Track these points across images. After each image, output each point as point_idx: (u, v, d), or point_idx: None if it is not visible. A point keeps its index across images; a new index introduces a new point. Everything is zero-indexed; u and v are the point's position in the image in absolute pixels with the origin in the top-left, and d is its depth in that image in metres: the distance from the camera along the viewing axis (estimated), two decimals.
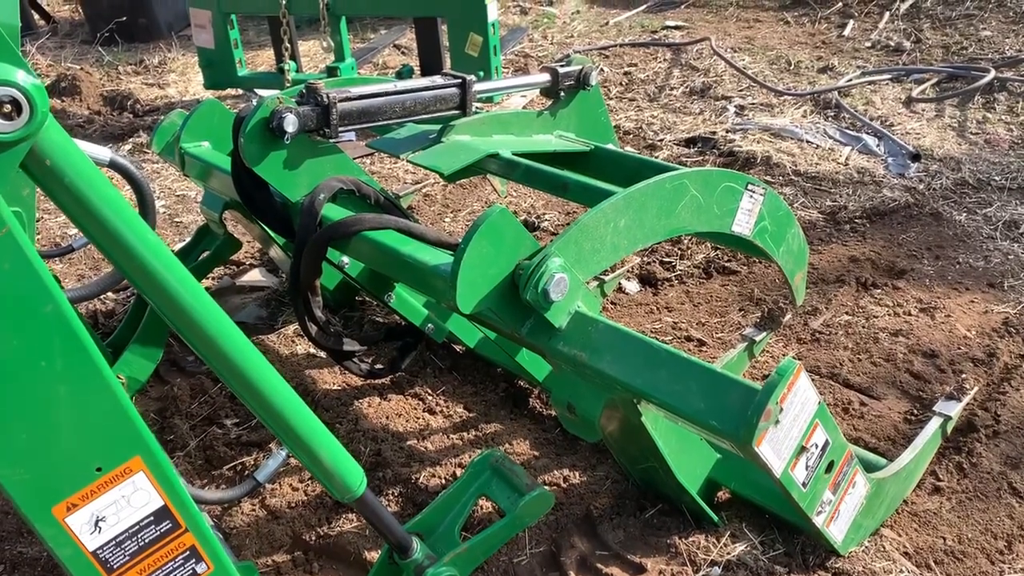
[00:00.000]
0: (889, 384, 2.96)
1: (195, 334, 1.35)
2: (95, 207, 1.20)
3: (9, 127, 1.06)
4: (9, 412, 1.16)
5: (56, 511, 1.23)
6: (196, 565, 1.40)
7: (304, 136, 2.39)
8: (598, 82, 3.00)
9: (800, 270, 2.67)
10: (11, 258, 1.10)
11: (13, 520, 2.52)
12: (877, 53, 6.39)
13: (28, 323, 1.14)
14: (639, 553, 2.24)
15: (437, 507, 1.92)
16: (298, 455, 1.54)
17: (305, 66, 6.68)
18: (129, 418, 1.27)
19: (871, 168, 4.67)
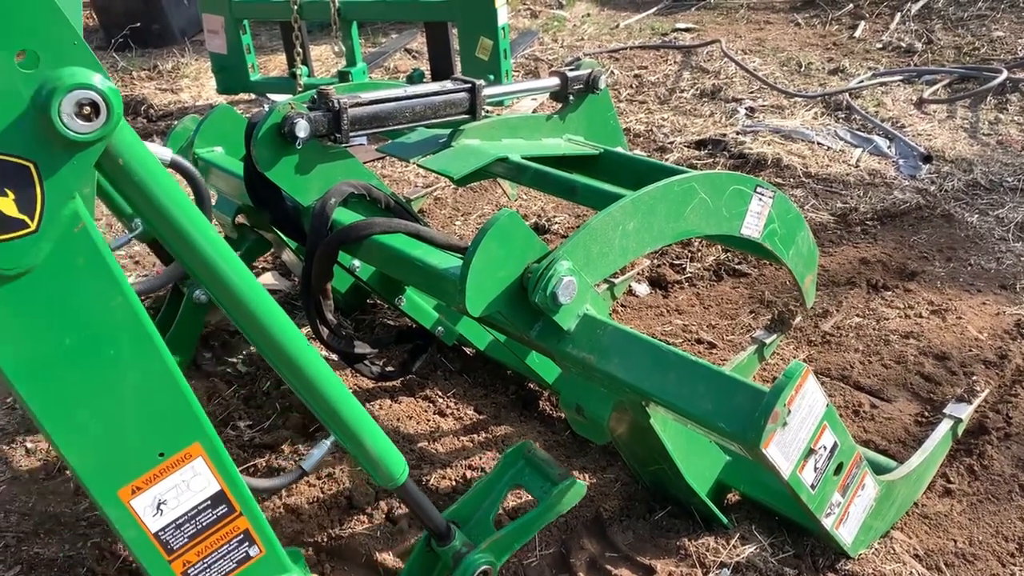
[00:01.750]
0: (900, 386, 2.96)
1: (251, 325, 1.41)
2: (162, 204, 1.26)
3: (88, 128, 1.10)
4: (80, 399, 1.22)
5: (122, 494, 1.29)
6: (249, 548, 1.45)
7: (315, 141, 2.41)
8: (607, 86, 3.01)
9: (810, 273, 2.68)
10: (85, 253, 1.17)
11: (30, 521, 2.55)
12: (888, 54, 6.38)
13: (99, 314, 1.20)
14: (648, 555, 2.25)
15: (471, 497, 1.96)
16: (345, 442, 1.59)
17: (317, 70, 6.71)
18: (190, 406, 1.33)
19: (882, 170, 4.66)
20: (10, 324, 1.15)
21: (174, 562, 1.38)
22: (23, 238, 1.11)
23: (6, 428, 3.02)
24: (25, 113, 1.07)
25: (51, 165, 1.10)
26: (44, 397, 1.20)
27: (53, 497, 2.65)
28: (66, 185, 1.12)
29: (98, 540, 2.47)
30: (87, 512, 2.59)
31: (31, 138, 1.08)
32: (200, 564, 1.40)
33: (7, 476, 2.76)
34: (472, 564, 1.81)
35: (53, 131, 1.08)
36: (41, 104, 1.07)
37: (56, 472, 2.77)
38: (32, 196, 1.10)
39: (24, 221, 1.10)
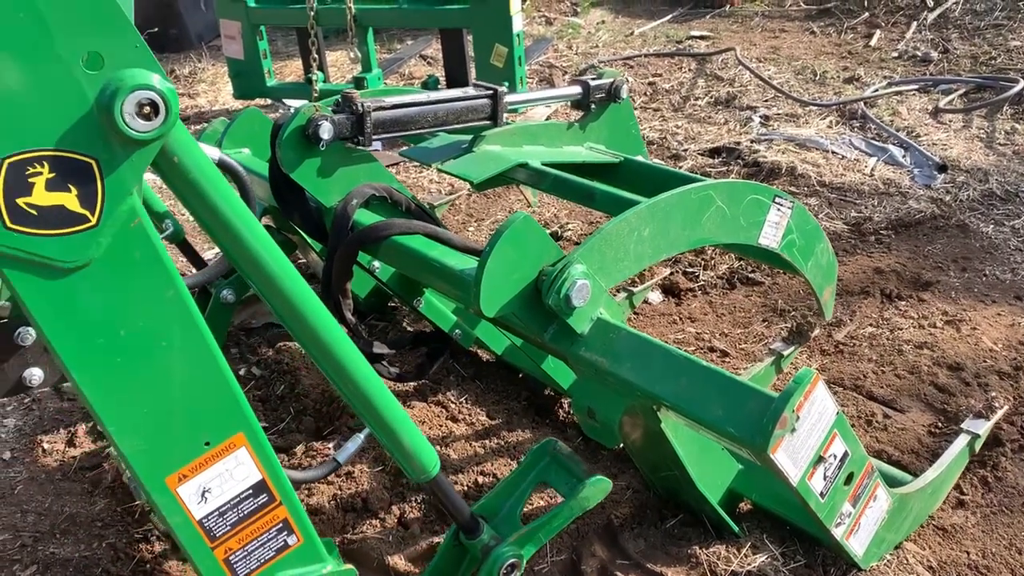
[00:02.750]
0: (913, 397, 2.95)
1: (295, 320, 1.45)
2: (214, 201, 1.30)
3: (148, 127, 1.14)
4: (133, 388, 1.27)
5: (169, 481, 1.34)
6: (288, 537, 1.49)
7: (339, 143, 2.46)
8: (628, 95, 3.03)
9: (829, 285, 2.67)
10: (141, 247, 1.21)
11: (46, 521, 2.58)
12: (904, 63, 6.36)
13: (152, 306, 1.25)
14: (659, 562, 2.25)
15: (498, 492, 1.99)
16: (380, 436, 1.63)
17: (332, 76, 6.75)
18: (235, 397, 1.37)
19: (897, 179, 4.65)
20: (69, 315, 1.19)
21: (216, 549, 1.42)
22: (84, 232, 1.15)
23: (23, 428, 3.06)
24: (89, 113, 1.11)
25: (112, 162, 1.14)
26: (99, 386, 1.25)
27: (69, 497, 2.68)
28: (125, 182, 1.16)
29: (113, 541, 2.49)
30: (102, 513, 2.62)
31: (94, 136, 1.12)
32: (241, 551, 1.44)
33: (24, 476, 2.79)
34: (500, 557, 1.83)
35: (115, 130, 1.12)
36: (105, 104, 1.11)
37: (73, 473, 2.80)
38: (93, 192, 1.14)
39: (85, 216, 1.14)
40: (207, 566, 1.42)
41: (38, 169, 1.09)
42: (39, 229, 1.12)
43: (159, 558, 2.44)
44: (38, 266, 1.14)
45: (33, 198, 1.10)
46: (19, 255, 1.12)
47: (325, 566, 1.55)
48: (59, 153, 1.10)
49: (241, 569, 1.45)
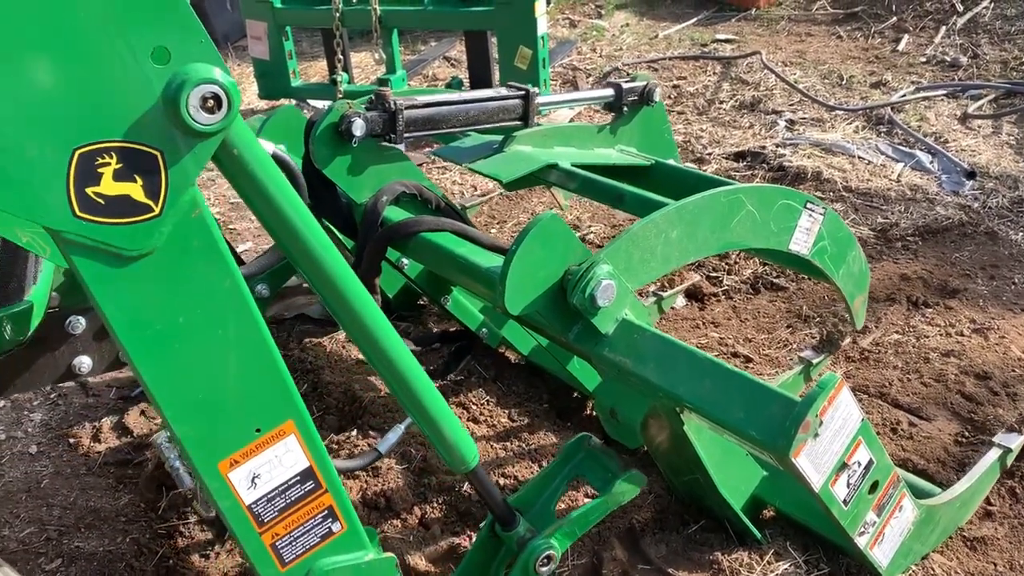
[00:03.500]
0: (939, 405, 2.91)
1: (344, 311, 1.48)
2: (271, 194, 1.33)
3: (211, 120, 1.17)
4: (189, 374, 1.31)
5: (221, 466, 1.37)
6: (332, 524, 1.51)
7: (371, 140, 2.49)
8: (662, 98, 3.02)
9: (860, 293, 2.64)
10: (200, 237, 1.24)
11: (71, 515, 2.61)
12: (932, 68, 6.29)
13: (210, 295, 1.28)
14: (681, 568, 2.23)
15: (533, 486, 2.00)
16: (422, 426, 1.65)
17: (357, 77, 6.79)
18: (286, 385, 1.40)
19: (924, 185, 4.60)
20: (131, 302, 1.23)
21: (264, 534, 1.44)
22: (148, 221, 1.18)
23: (49, 423, 3.09)
24: (155, 105, 1.14)
25: (176, 154, 1.17)
26: (157, 371, 1.28)
27: (94, 492, 2.71)
28: (187, 173, 1.19)
29: (136, 536, 2.51)
30: (126, 508, 2.64)
31: (160, 129, 1.15)
32: (287, 537, 1.47)
33: (50, 470, 2.82)
34: (537, 549, 1.85)
35: (180, 122, 1.15)
36: (170, 97, 1.13)
37: (97, 468, 2.83)
38: (157, 182, 1.17)
39: (149, 205, 1.17)
40: (254, 550, 1.45)
41: (106, 160, 1.13)
42: (105, 218, 1.15)
43: (181, 554, 2.46)
44: (103, 253, 1.18)
45: (101, 187, 1.14)
46: (86, 242, 1.16)
47: (367, 554, 1.57)
48: (126, 144, 1.14)
49: (287, 555, 1.48)
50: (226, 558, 2.42)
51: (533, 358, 3.09)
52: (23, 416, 3.13)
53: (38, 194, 1.10)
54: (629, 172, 2.78)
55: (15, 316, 1.57)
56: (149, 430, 3.00)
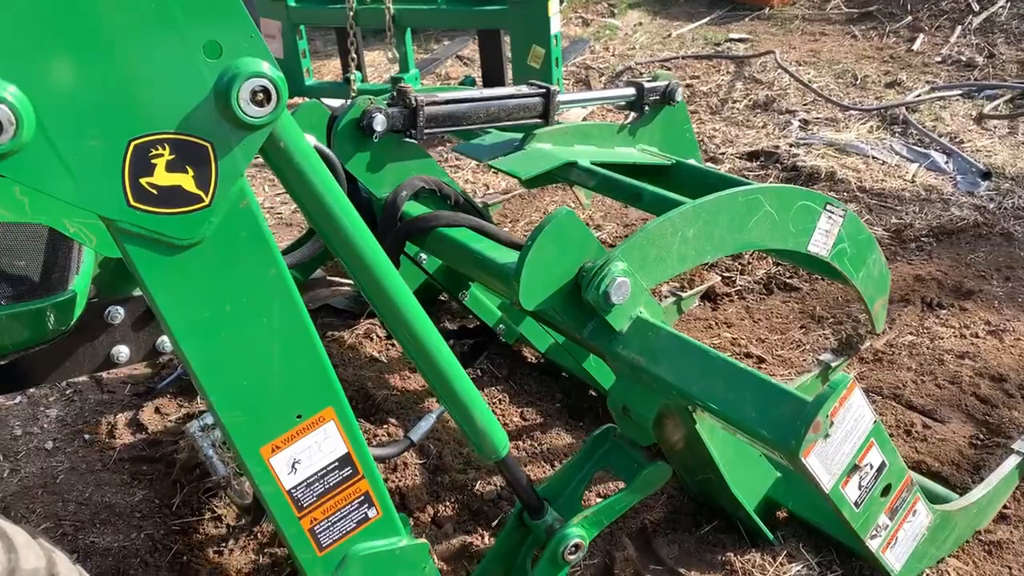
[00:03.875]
0: (954, 407, 2.90)
1: (381, 300, 1.51)
2: (315, 186, 1.36)
3: (261, 113, 1.19)
4: (235, 360, 1.34)
5: (263, 451, 1.40)
6: (368, 510, 1.54)
7: (392, 136, 2.50)
8: (683, 98, 3.02)
9: (881, 297, 2.62)
10: (248, 227, 1.27)
11: (87, 510, 2.62)
12: (948, 68, 6.26)
13: (256, 283, 1.31)
14: (693, 568, 2.23)
15: (561, 476, 2.03)
16: (454, 415, 1.68)
17: (370, 76, 6.80)
18: (327, 372, 1.43)
19: (939, 185, 4.58)
20: (180, 290, 1.26)
21: (303, 519, 1.47)
22: (198, 212, 1.21)
23: (65, 419, 3.11)
24: (207, 98, 1.16)
25: (226, 146, 1.20)
26: (204, 358, 1.31)
27: (109, 488, 2.73)
28: (236, 164, 1.22)
29: (151, 532, 2.53)
30: (141, 504, 2.66)
31: (211, 121, 1.18)
32: (325, 522, 1.50)
33: (66, 466, 2.85)
34: (565, 538, 1.87)
35: (231, 115, 1.17)
36: (222, 90, 1.16)
37: (112, 464, 2.84)
38: (208, 173, 1.20)
39: (200, 196, 1.20)
40: (293, 535, 1.48)
41: (160, 151, 1.16)
42: (158, 208, 1.18)
43: (195, 550, 2.47)
44: (155, 242, 1.21)
45: (154, 178, 1.17)
46: (139, 231, 1.19)
47: (401, 540, 1.60)
48: (179, 136, 1.16)
49: (324, 539, 1.51)
50: (239, 555, 2.44)
51: (550, 355, 3.09)
52: (39, 412, 3.16)
53: (95, 184, 1.13)
54: (650, 171, 2.77)
55: (59, 306, 1.59)
56: (163, 427, 3.02)
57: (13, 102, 1.04)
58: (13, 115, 1.04)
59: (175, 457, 2.81)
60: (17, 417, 3.13)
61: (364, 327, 3.49)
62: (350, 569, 1.53)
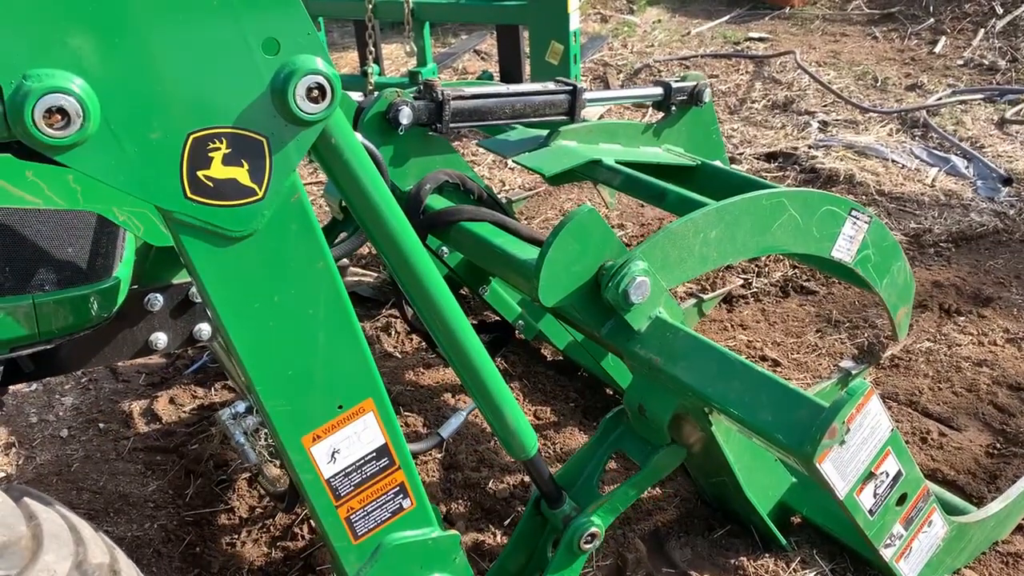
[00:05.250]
0: (971, 415, 2.88)
1: (420, 295, 1.53)
2: (362, 182, 1.38)
3: (315, 109, 1.21)
4: (281, 350, 1.36)
5: (304, 440, 1.43)
6: (403, 500, 1.57)
7: (418, 129, 2.51)
8: (711, 99, 3.00)
9: (904, 305, 2.59)
10: (299, 220, 1.30)
11: (100, 499, 2.64)
12: (970, 71, 6.20)
13: (304, 276, 1.34)
14: (706, 573, 2.23)
15: (576, 461, 2.03)
16: (486, 413, 1.70)
17: (387, 69, 6.79)
18: (368, 363, 1.45)
19: (959, 191, 4.54)
20: (232, 280, 1.29)
21: (340, 507, 1.50)
22: (252, 204, 1.23)
23: (80, 408, 3.13)
24: (264, 94, 1.18)
25: (280, 141, 1.22)
26: (252, 347, 1.34)
27: (123, 477, 2.74)
28: (290, 159, 1.24)
29: (164, 522, 2.54)
30: (154, 494, 2.67)
31: (267, 116, 1.20)
32: (361, 511, 1.53)
33: (80, 455, 2.86)
34: (581, 527, 1.87)
35: (287, 111, 1.19)
36: (279, 87, 1.18)
37: (127, 453, 2.86)
38: (262, 167, 1.22)
39: (254, 189, 1.23)
40: (330, 523, 1.50)
41: (217, 145, 1.18)
42: (214, 200, 1.21)
43: (208, 541, 2.48)
44: (210, 234, 1.23)
45: (211, 171, 1.19)
46: (195, 223, 1.21)
47: (434, 531, 1.62)
48: (236, 131, 1.18)
49: (360, 528, 1.53)
50: (252, 547, 2.44)
51: (568, 353, 3.08)
52: (54, 400, 3.18)
53: (154, 176, 1.16)
54: (674, 172, 2.76)
55: (103, 292, 1.61)
56: (178, 417, 3.03)
57: (81, 95, 1.06)
58: (81, 107, 1.06)
59: (190, 448, 2.83)
60: (33, 405, 3.15)
61: (384, 320, 3.49)
62: (384, 558, 1.56)
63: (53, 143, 1.07)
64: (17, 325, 1.52)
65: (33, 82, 1.04)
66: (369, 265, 4.01)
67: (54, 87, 1.04)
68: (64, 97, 1.05)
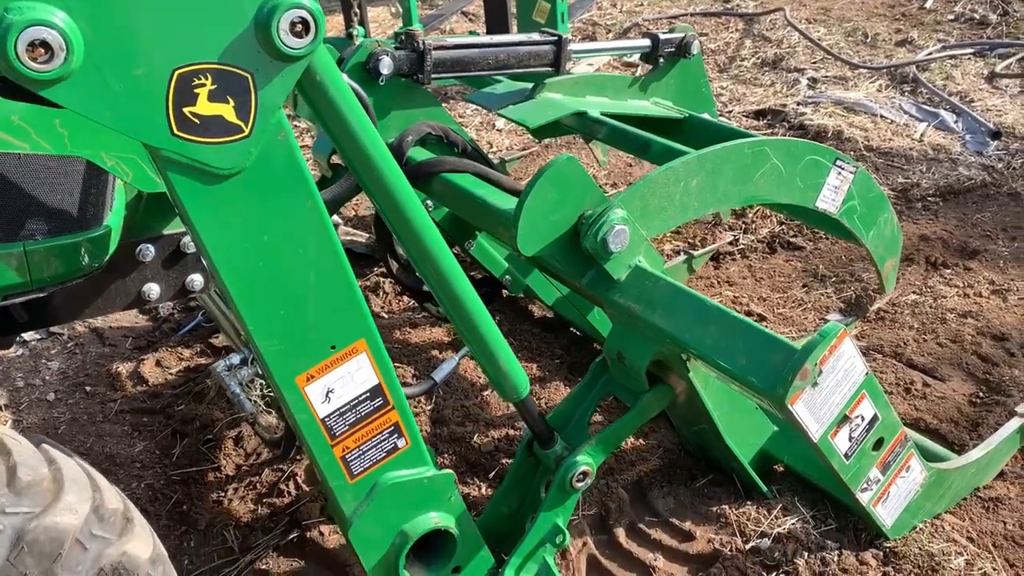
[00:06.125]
0: (954, 366, 2.89)
1: (410, 238, 1.53)
2: (348, 121, 1.38)
3: (300, 44, 1.20)
4: (272, 291, 1.37)
5: (299, 380, 1.45)
6: (397, 440, 1.60)
7: (399, 80, 2.47)
8: (699, 51, 2.97)
9: (891, 257, 2.58)
10: (285, 159, 1.30)
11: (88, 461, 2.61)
12: (960, 26, 6.15)
13: (292, 215, 1.34)
14: (688, 521, 2.25)
15: (566, 404, 2.06)
16: (478, 356, 1.71)
17: (373, 32, 6.70)
18: (359, 304, 1.46)
19: (947, 145, 4.52)
20: (220, 219, 1.29)
21: (335, 447, 1.52)
22: (238, 142, 1.23)
23: (67, 371, 3.13)
24: (247, 29, 1.18)
25: (265, 76, 1.21)
26: (242, 287, 1.35)
27: (110, 439, 2.75)
28: (275, 95, 1.23)
29: (151, 482, 2.55)
30: (141, 455, 2.68)
31: (251, 52, 1.19)
32: (356, 451, 1.55)
33: (67, 417, 2.87)
34: (573, 466, 1.89)
35: (271, 46, 1.19)
36: (262, 21, 1.17)
37: (113, 415, 2.86)
38: (248, 104, 1.22)
39: (240, 126, 1.22)
40: (326, 462, 1.53)
41: (202, 81, 1.17)
42: (201, 137, 1.20)
43: (195, 500, 2.50)
44: (197, 172, 1.23)
45: (197, 108, 1.19)
46: (182, 160, 1.21)
47: (428, 470, 1.64)
48: (221, 67, 1.18)
49: (355, 467, 1.56)
50: (239, 504, 2.46)
51: (556, 308, 3.08)
52: (40, 364, 3.18)
53: (140, 112, 1.15)
54: (662, 124, 2.73)
55: (94, 241, 1.62)
56: (164, 379, 3.03)
57: (64, 27, 1.06)
58: (64, 41, 1.06)
59: (177, 409, 2.84)
60: (19, 369, 3.15)
61: (374, 280, 3.49)
62: (380, 497, 1.58)
63: (37, 77, 1.07)
64: (9, 272, 1.53)
65: (15, 15, 1.03)
66: (359, 226, 3.99)
67: (36, 20, 1.04)
68: (47, 30, 1.05)
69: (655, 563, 2.17)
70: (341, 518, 1.61)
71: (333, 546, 2.28)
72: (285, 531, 2.34)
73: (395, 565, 1.64)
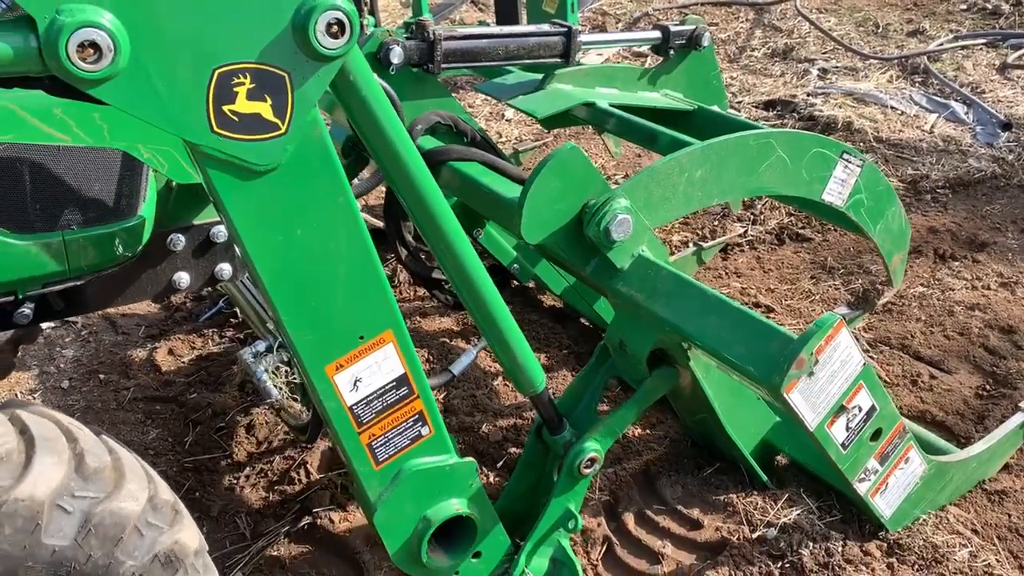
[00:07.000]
0: (961, 358, 2.90)
1: (434, 233, 1.56)
2: (379, 119, 1.41)
3: (335, 44, 1.23)
4: (304, 282, 1.42)
5: (328, 369, 1.50)
6: (421, 428, 1.64)
7: (410, 70, 2.48)
8: (711, 43, 2.96)
9: (899, 251, 2.56)
10: (320, 155, 1.34)
11: None
12: (972, 16, 6.11)
13: (325, 209, 1.39)
14: (696, 509, 2.27)
15: (572, 390, 2.08)
16: (496, 349, 1.74)
17: (383, 21, 6.71)
18: (387, 296, 1.51)
19: (957, 136, 4.51)
20: (257, 213, 1.33)
21: (362, 434, 1.57)
22: (275, 139, 1.27)
23: (80, 359, 3.17)
24: (285, 30, 1.21)
25: (302, 76, 1.25)
26: (276, 279, 1.39)
27: (123, 427, 2.78)
28: (311, 94, 1.27)
29: (164, 469, 2.59)
30: (154, 442, 2.72)
31: (288, 52, 1.23)
32: (382, 438, 1.60)
33: (81, 405, 2.90)
34: (581, 452, 1.91)
35: (308, 46, 1.22)
36: (300, 23, 1.21)
37: (127, 403, 2.90)
38: (285, 102, 1.25)
39: (277, 124, 1.26)
40: (353, 449, 1.57)
41: (241, 80, 1.21)
42: (239, 134, 1.24)
43: (207, 487, 2.53)
44: (236, 168, 1.28)
45: (236, 106, 1.23)
46: (221, 156, 1.25)
47: (451, 457, 1.68)
48: (260, 66, 1.22)
49: (381, 454, 1.60)
50: (251, 492, 2.49)
51: (565, 297, 3.09)
52: (55, 352, 3.21)
53: (182, 109, 1.19)
54: (671, 116, 2.73)
55: (128, 231, 1.67)
56: (177, 367, 3.06)
57: (112, 29, 1.09)
58: (112, 41, 1.09)
59: (189, 397, 2.87)
60: (34, 357, 3.19)
61: (387, 270, 3.51)
62: (404, 483, 1.62)
63: (86, 76, 1.10)
64: (50, 261, 1.58)
65: (66, 16, 1.07)
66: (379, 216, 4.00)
67: (86, 21, 1.07)
68: (96, 31, 1.08)
69: (663, 550, 2.20)
70: (366, 503, 1.65)
71: (343, 533, 2.32)
72: (296, 518, 2.37)
73: (418, 550, 1.68)
